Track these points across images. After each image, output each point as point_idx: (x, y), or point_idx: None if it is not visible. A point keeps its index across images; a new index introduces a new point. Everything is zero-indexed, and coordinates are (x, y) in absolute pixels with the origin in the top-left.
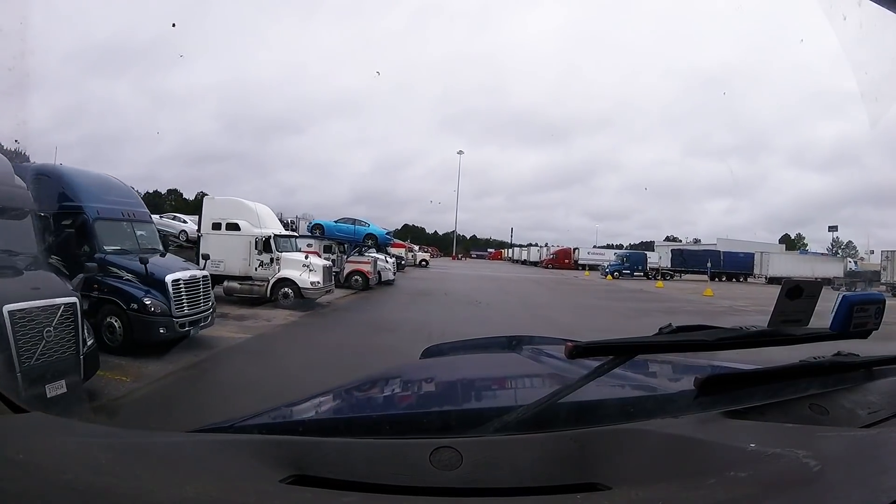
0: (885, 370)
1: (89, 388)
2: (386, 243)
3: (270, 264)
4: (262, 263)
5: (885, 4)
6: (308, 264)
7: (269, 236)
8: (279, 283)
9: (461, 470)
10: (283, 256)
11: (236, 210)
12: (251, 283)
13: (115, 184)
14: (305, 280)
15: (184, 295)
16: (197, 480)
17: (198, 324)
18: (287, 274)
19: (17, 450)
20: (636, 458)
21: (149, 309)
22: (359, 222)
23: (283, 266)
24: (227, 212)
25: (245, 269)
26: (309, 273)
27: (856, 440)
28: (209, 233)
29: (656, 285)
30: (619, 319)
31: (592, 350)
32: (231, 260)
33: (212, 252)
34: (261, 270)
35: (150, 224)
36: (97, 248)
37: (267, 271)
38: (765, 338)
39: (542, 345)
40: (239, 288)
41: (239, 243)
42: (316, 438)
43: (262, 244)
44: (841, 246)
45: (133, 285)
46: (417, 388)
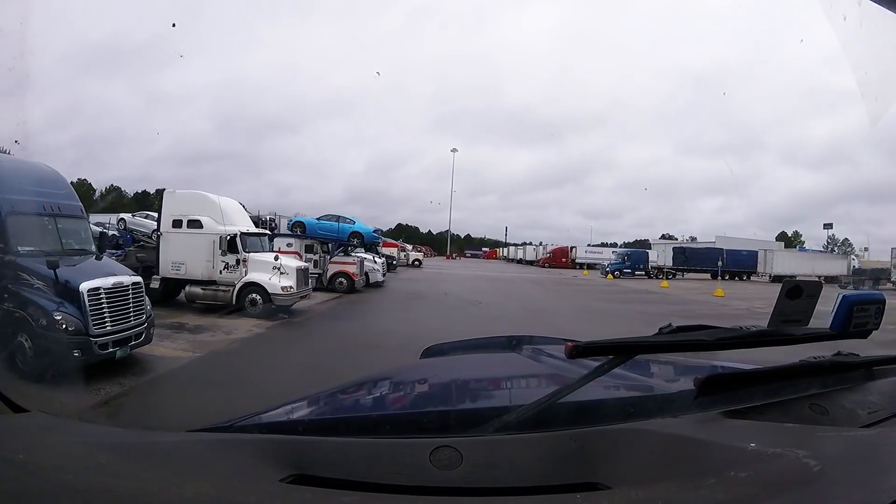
0: (885, 370)
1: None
2: (373, 242)
3: (237, 266)
4: (227, 266)
5: (885, 4)
6: (279, 266)
7: (235, 234)
8: (246, 288)
9: (461, 470)
10: (250, 257)
11: (198, 205)
12: (215, 289)
13: (40, 173)
14: (275, 284)
15: (105, 307)
16: (197, 480)
17: (126, 343)
18: (255, 277)
19: (17, 450)
20: (636, 458)
21: (58, 326)
22: (343, 219)
23: (250, 268)
24: (189, 207)
25: (209, 273)
26: (280, 276)
27: (856, 440)
28: (169, 231)
29: (661, 285)
30: (635, 326)
31: (592, 350)
32: (193, 262)
33: (173, 253)
34: (226, 274)
35: (80, 220)
36: (7, 248)
37: (233, 274)
38: (765, 338)
39: (542, 345)
40: (202, 294)
41: (201, 243)
42: (316, 438)
43: (227, 243)
44: (837, 243)
45: (43, 296)
46: (417, 387)
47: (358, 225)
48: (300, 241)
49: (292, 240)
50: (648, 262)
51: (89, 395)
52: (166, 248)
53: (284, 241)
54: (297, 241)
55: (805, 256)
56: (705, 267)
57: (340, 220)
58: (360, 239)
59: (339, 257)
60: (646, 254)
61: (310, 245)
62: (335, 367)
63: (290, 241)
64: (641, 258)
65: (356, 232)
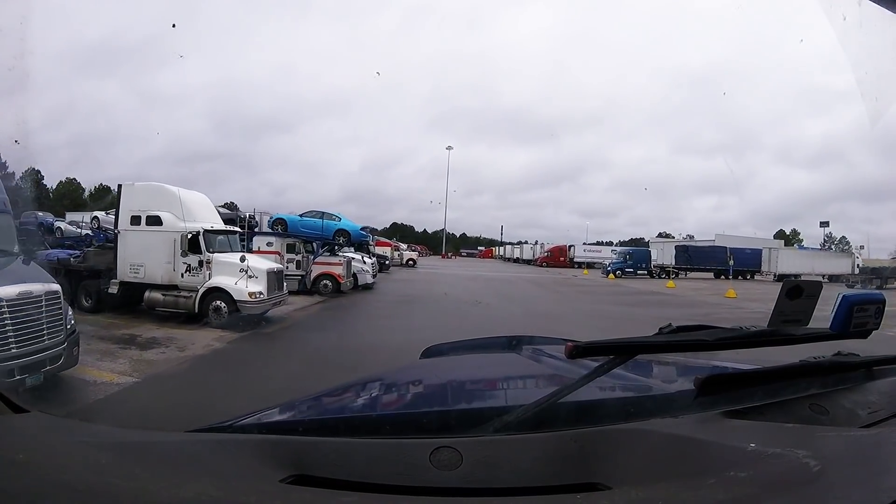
0: (885, 370)
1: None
2: (361, 240)
3: (200, 269)
4: (189, 268)
5: (885, 4)
6: (246, 268)
7: (197, 232)
8: (210, 294)
9: (461, 470)
10: (215, 259)
11: (157, 198)
12: (177, 294)
13: None
14: (241, 290)
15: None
16: (197, 480)
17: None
18: (219, 282)
19: (17, 450)
20: (636, 458)
21: None
22: (328, 216)
23: (215, 271)
24: (147, 201)
25: (169, 276)
26: (247, 280)
27: (856, 440)
28: (127, 229)
29: (667, 285)
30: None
31: (592, 350)
32: (152, 264)
33: (131, 253)
34: (188, 277)
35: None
36: None
37: (196, 278)
38: (765, 338)
39: (542, 345)
40: (162, 300)
41: (161, 242)
42: (316, 438)
43: (188, 242)
44: (834, 241)
45: None
46: (417, 387)
47: (344, 222)
48: (281, 239)
49: (273, 238)
50: (651, 261)
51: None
52: (124, 249)
53: (265, 240)
54: (278, 240)
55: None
56: (708, 266)
57: (325, 216)
58: (346, 237)
59: (323, 257)
60: (648, 252)
61: (292, 244)
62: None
63: (270, 239)
64: (644, 257)
65: (342, 230)
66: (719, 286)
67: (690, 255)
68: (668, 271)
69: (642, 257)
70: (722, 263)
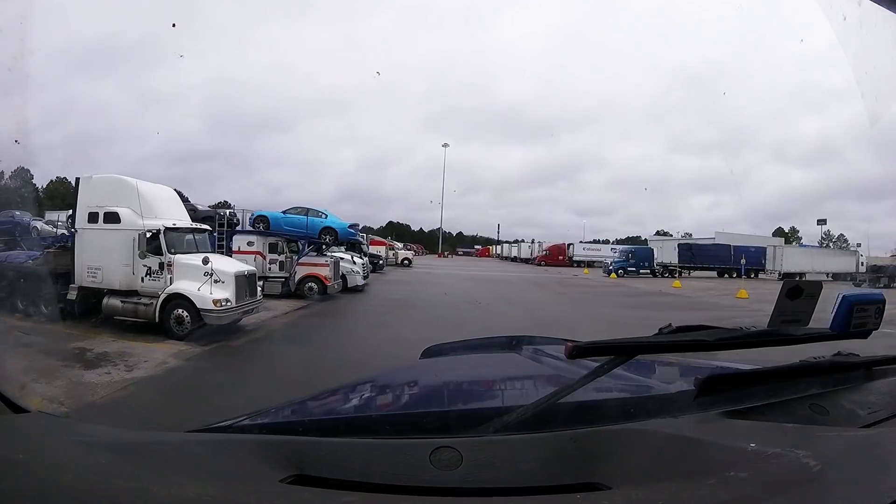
0: (885, 370)
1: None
2: (349, 239)
3: (161, 272)
4: (149, 271)
5: (885, 4)
6: (210, 272)
7: (157, 230)
8: (171, 301)
9: (461, 470)
10: (176, 261)
11: (116, 193)
12: (136, 301)
13: None
14: (205, 296)
15: None
16: (197, 480)
17: None
18: (181, 287)
19: (17, 450)
20: (636, 458)
21: None
22: (314, 213)
23: (177, 275)
24: (105, 196)
25: (128, 280)
26: (212, 286)
27: (856, 440)
28: (85, 227)
29: (673, 285)
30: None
31: (592, 350)
32: (110, 266)
33: (89, 255)
34: (148, 282)
35: None
36: None
37: (157, 283)
38: (765, 338)
39: (543, 345)
40: (121, 308)
41: (119, 241)
42: (316, 438)
43: (147, 242)
44: (833, 239)
45: None
46: (417, 388)
47: (331, 219)
48: (263, 239)
49: (254, 237)
50: (653, 259)
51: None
52: (82, 249)
53: (245, 240)
54: (260, 239)
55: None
56: (712, 264)
57: (310, 213)
58: (333, 236)
59: (309, 258)
60: (650, 251)
61: (274, 243)
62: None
63: (251, 238)
64: (646, 256)
65: (328, 227)
66: (727, 286)
67: (694, 254)
68: (672, 270)
69: (645, 256)
70: (725, 262)
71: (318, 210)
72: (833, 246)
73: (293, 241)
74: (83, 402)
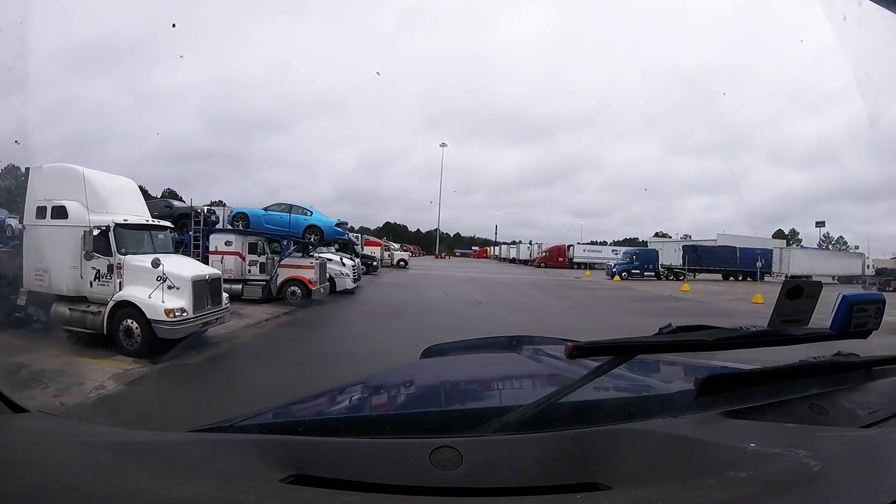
0: (885, 370)
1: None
2: (337, 238)
3: (110, 276)
4: (98, 275)
5: (885, 4)
6: (162, 276)
7: (106, 227)
8: (119, 309)
9: (461, 470)
10: (126, 262)
11: (64, 184)
12: (85, 309)
13: None
14: (156, 305)
15: None
16: (197, 480)
17: None
18: (129, 294)
19: (17, 450)
20: (636, 458)
21: None
22: (297, 209)
23: (127, 279)
24: (55, 188)
25: (76, 285)
26: (164, 292)
27: (856, 440)
28: (33, 224)
29: (682, 289)
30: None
31: (592, 350)
32: (57, 268)
33: (37, 255)
34: (97, 287)
35: None
36: None
37: (106, 288)
38: (765, 338)
39: (542, 345)
40: (68, 316)
41: (66, 239)
42: (316, 438)
43: (94, 241)
44: (832, 241)
45: None
46: (417, 387)
47: (316, 216)
48: (243, 238)
49: (232, 237)
50: (658, 261)
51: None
52: (30, 249)
53: (223, 239)
54: (239, 239)
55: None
56: (717, 267)
57: (293, 210)
58: (318, 235)
59: (292, 259)
60: (655, 253)
61: (254, 243)
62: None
63: (229, 238)
64: (651, 258)
65: (313, 225)
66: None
67: (699, 256)
68: (676, 272)
69: (649, 258)
70: (731, 264)
71: (302, 207)
72: (832, 248)
73: (276, 240)
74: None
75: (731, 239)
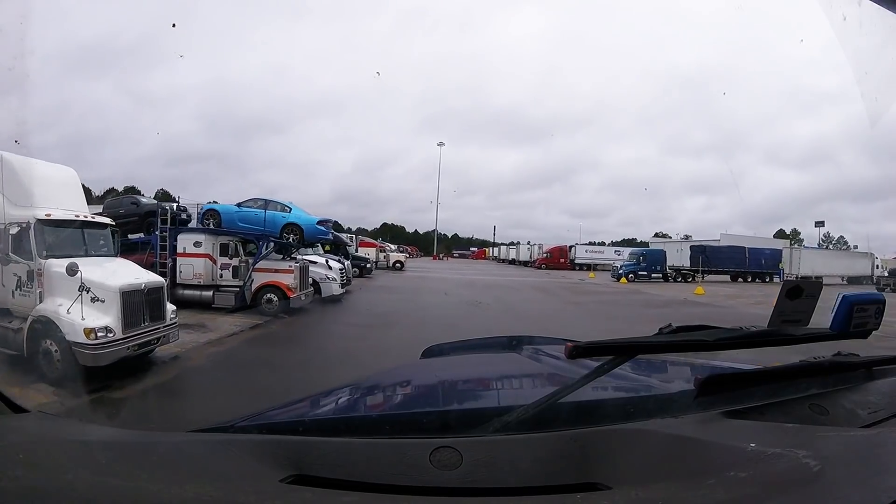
0: (885, 370)
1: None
2: (319, 238)
3: (30, 284)
4: (19, 282)
5: (885, 4)
6: (82, 286)
7: (26, 223)
8: (37, 327)
9: (461, 470)
10: (46, 268)
11: None
12: (6, 326)
13: None
14: (73, 322)
15: None
16: (197, 480)
17: None
18: (47, 309)
19: (17, 450)
20: (636, 458)
21: None
22: (275, 205)
23: (47, 289)
24: None
25: None
26: (85, 307)
27: (856, 440)
28: None
29: (696, 292)
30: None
31: (592, 350)
32: None
33: None
34: (19, 297)
35: None
36: None
37: (27, 299)
38: (765, 338)
39: (542, 345)
40: None
41: None
42: (316, 438)
43: (13, 241)
44: (832, 241)
45: None
46: (417, 388)
47: (295, 213)
48: (213, 238)
49: (202, 237)
50: (666, 262)
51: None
52: None
53: (191, 239)
54: (210, 239)
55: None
56: (726, 268)
57: (270, 206)
58: (298, 234)
59: (269, 262)
60: (663, 253)
61: (227, 244)
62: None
63: (198, 238)
64: (658, 259)
65: (292, 223)
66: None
67: (708, 256)
68: (685, 274)
69: (656, 259)
70: (740, 265)
71: (280, 202)
72: (832, 248)
73: (250, 241)
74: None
75: (735, 239)
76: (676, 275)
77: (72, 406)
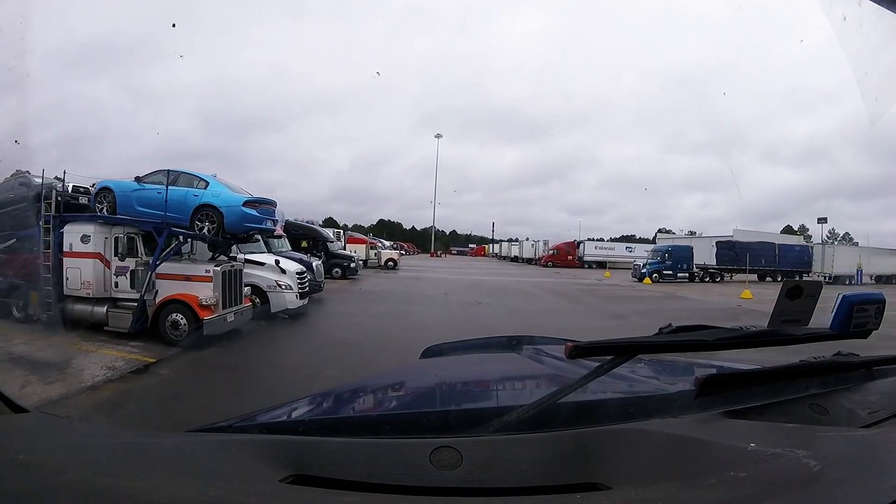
0: (885, 370)
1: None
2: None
3: None
4: None
5: (885, 4)
6: None
7: None
8: None
9: (461, 470)
10: None
11: None
12: None
13: None
14: None
15: None
16: (197, 480)
17: None
18: None
19: (17, 450)
20: (636, 458)
21: None
22: (187, 179)
23: None
24: None
25: None
26: None
27: (856, 440)
28: None
29: (742, 296)
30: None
31: (592, 350)
32: None
33: None
34: None
35: None
36: None
37: None
38: (765, 338)
39: (542, 345)
40: None
41: None
42: (316, 438)
43: None
44: (837, 238)
45: None
46: (417, 388)
47: (213, 190)
48: (107, 230)
49: (90, 228)
50: (693, 260)
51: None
52: None
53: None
54: (100, 231)
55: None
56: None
57: (180, 181)
58: (214, 221)
59: (175, 264)
60: (690, 250)
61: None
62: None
63: (86, 230)
64: (685, 256)
65: (207, 204)
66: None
67: (737, 254)
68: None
69: (683, 256)
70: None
71: (195, 175)
72: (836, 244)
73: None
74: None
75: (748, 235)
76: (704, 274)
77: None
